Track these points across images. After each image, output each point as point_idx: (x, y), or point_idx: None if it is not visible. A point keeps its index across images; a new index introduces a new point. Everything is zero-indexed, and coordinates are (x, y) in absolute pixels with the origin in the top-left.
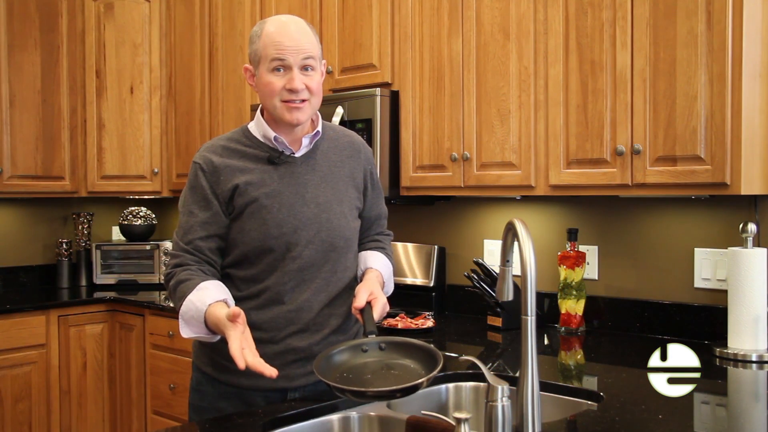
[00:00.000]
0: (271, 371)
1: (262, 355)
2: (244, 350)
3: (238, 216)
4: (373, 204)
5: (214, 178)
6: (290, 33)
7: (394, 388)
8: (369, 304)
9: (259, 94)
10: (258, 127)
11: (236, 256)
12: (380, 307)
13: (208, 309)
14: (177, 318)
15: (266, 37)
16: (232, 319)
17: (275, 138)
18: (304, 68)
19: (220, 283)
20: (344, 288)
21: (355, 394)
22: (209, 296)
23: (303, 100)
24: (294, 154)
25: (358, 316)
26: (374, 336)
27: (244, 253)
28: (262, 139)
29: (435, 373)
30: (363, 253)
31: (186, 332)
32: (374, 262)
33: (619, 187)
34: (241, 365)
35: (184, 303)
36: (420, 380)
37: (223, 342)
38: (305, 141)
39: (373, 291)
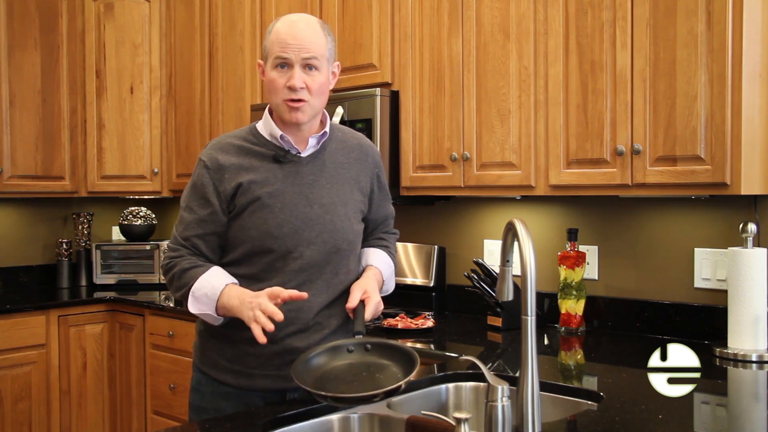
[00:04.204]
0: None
1: (260, 356)
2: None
3: (239, 214)
4: (379, 206)
5: (217, 176)
6: (296, 31)
7: (370, 393)
8: (362, 303)
9: (266, 91)
10: (266, 126)
11: (237, 254)
12: (373, 307)
13: (224, 289)
14: (177, 318)
15: (274, 35)
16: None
17: (281, 137)
18: (307, 67)
19: (225, 271)
20: (345, 290)
21: (332, 399)
22: (224, 277)
23: (300, 100)
24: (300, 153)
25: (351, 315)
26: (361, 337)
27: (245, 252)
28: (269, 138)
29: (411, 377)
30: (365, 249)
31: (194, 308)
32: (375, 259)
33: (619, 187)
34: (263, 340)
35: (198, 280)
36: (395, 385)
37: (226, 341)
38: (312, 141)
39: (368, 290)
